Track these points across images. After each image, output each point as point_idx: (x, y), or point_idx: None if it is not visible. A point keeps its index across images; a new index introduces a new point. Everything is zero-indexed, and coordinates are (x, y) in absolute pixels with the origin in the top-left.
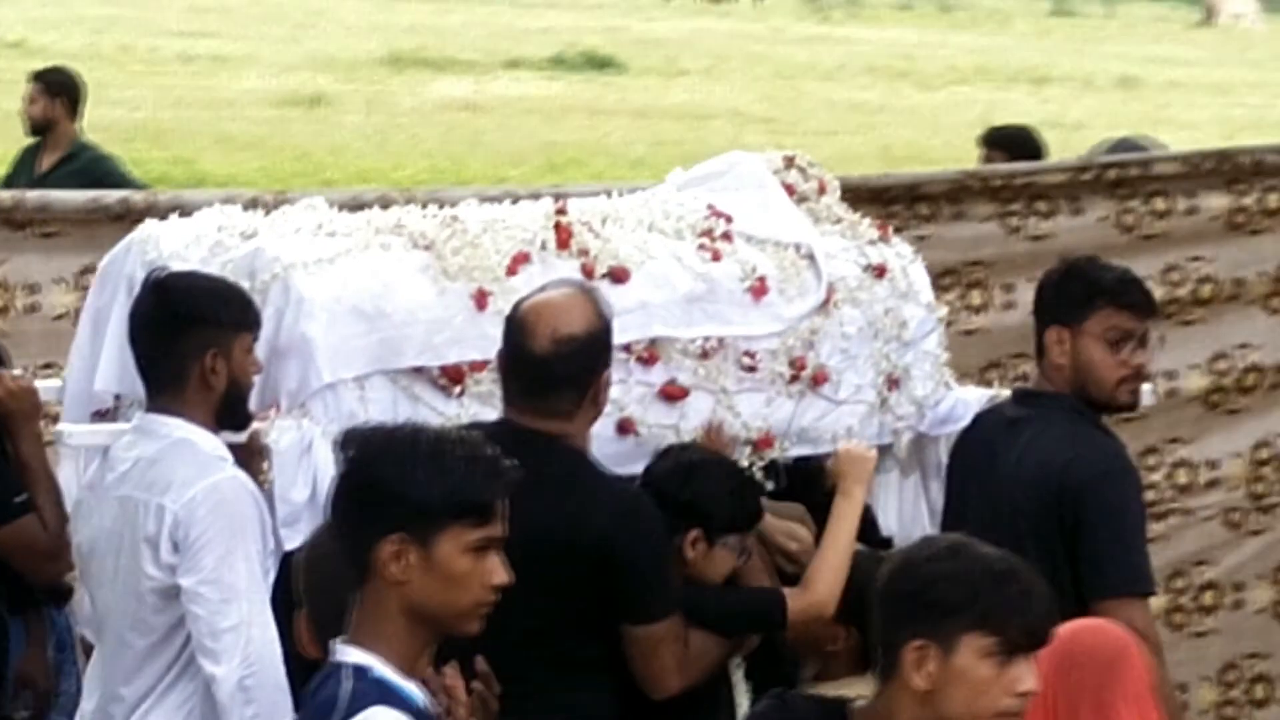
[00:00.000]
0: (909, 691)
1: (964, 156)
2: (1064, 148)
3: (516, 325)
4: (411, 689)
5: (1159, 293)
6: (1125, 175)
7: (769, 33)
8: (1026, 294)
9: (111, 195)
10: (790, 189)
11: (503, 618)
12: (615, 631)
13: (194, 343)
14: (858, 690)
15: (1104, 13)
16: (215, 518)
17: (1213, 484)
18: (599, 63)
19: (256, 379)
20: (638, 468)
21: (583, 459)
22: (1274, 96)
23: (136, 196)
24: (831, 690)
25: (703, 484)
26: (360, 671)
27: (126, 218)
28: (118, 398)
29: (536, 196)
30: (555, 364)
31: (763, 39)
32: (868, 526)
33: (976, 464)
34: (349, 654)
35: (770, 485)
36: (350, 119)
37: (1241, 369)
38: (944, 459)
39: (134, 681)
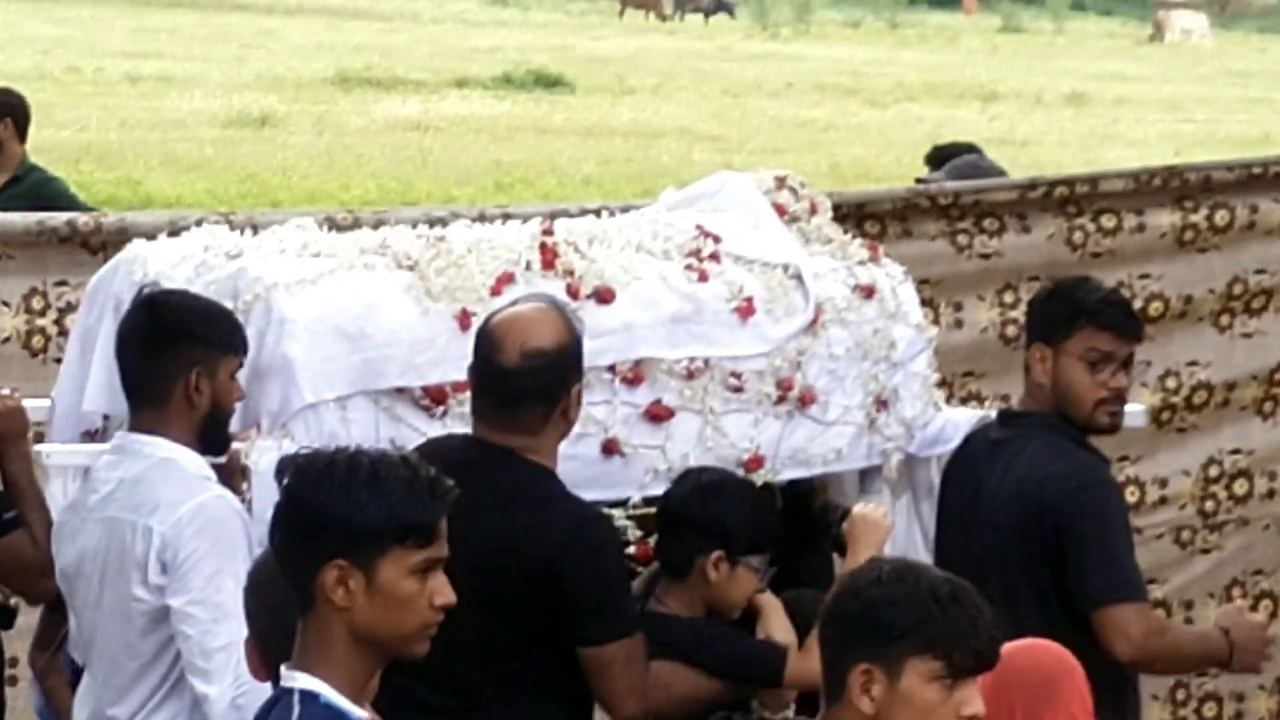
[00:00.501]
0: (855, 716)
1: (913, 174)
2: (1013, 164)
3: (486, 339)
4: (361, 715)
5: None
6: (1073, 193)
7: (717, 51)
8: (975, 312)
9: (59, 218)
10: (781, 209)
11: (454, 633)
12: (569, 652)
13: (180, 360)
14: None
15: (1053, 29)
16: (203, 538)
17: (1162, 502)
18: (547, 81)
19: (238, 404)
20: (623, 490)
21: (541, 475)
22: (1223, 112)
23: (83, 219)
24: None
25: (723, 504)
26: (309, 697)
27: (73, 240)
28: (106, 418)
29: (483, 216)
30: (523, 378)
31: (711, 57)
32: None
33: (964, 486)
34: (297, 679)
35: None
36: (298, 139)
37: (1191, 387)
38: (935, 480)
39: (124, 702)
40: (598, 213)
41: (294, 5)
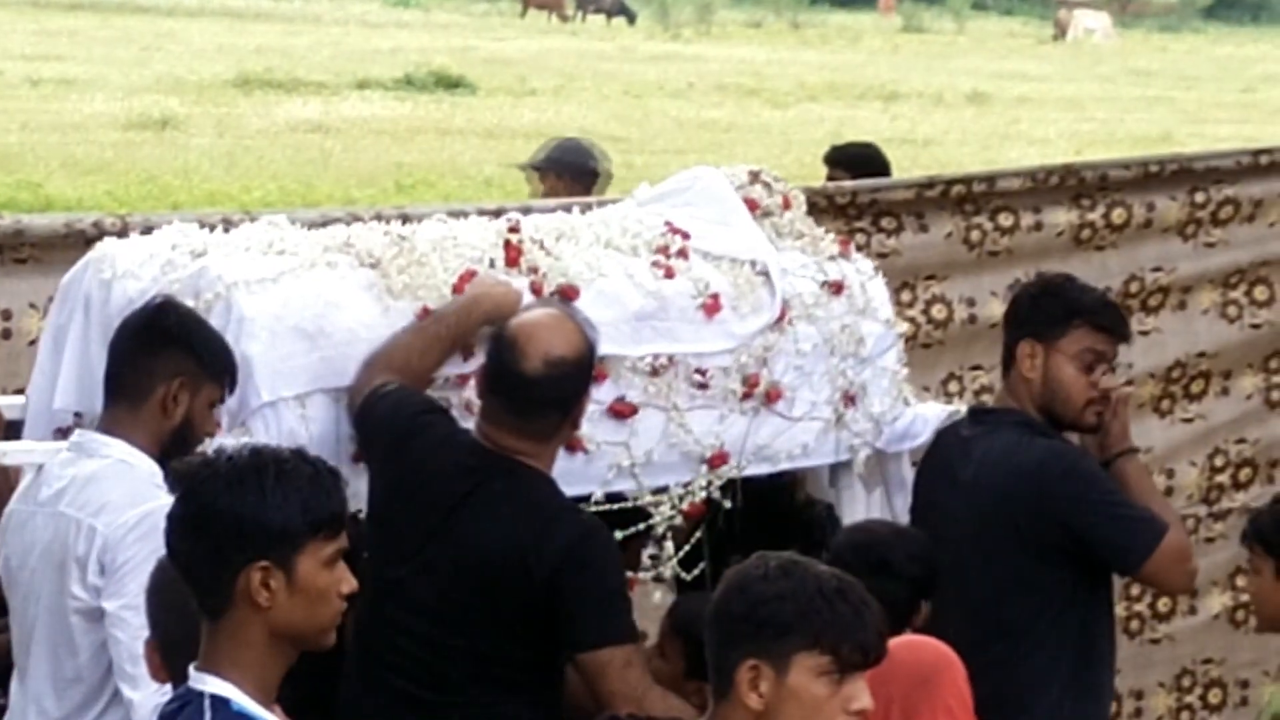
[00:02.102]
0: (743, 711)
1: (814, 174)
2: (914, 164)
3: (506, 345)
4: (271, 719)
5: (1005, 309)
6: (971, 191)
7: (619, 51)
8: None
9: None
10: (754, 204)
11: (440, 634)
12: (554, 659)
13: (168, 365)
14: None
15: (954, 28)
16: (144, 545)
17: None
18: (448, 83)
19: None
20: (586, 486)
21: (546, 484)
22: (1123, 111)
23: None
24: None
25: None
26: (220, 703)
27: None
28: (79, 415)
29: (380, 216)
30: (546, 386)
31: (613, 58)
32: (832, 526)
33: (938, 481)
34: (207, 682)
35: (727, 504)
36: (199, 141)
37: None
38: (907, 474)
39: (62, 700)
40: (567, 209)
41: (195, 7)
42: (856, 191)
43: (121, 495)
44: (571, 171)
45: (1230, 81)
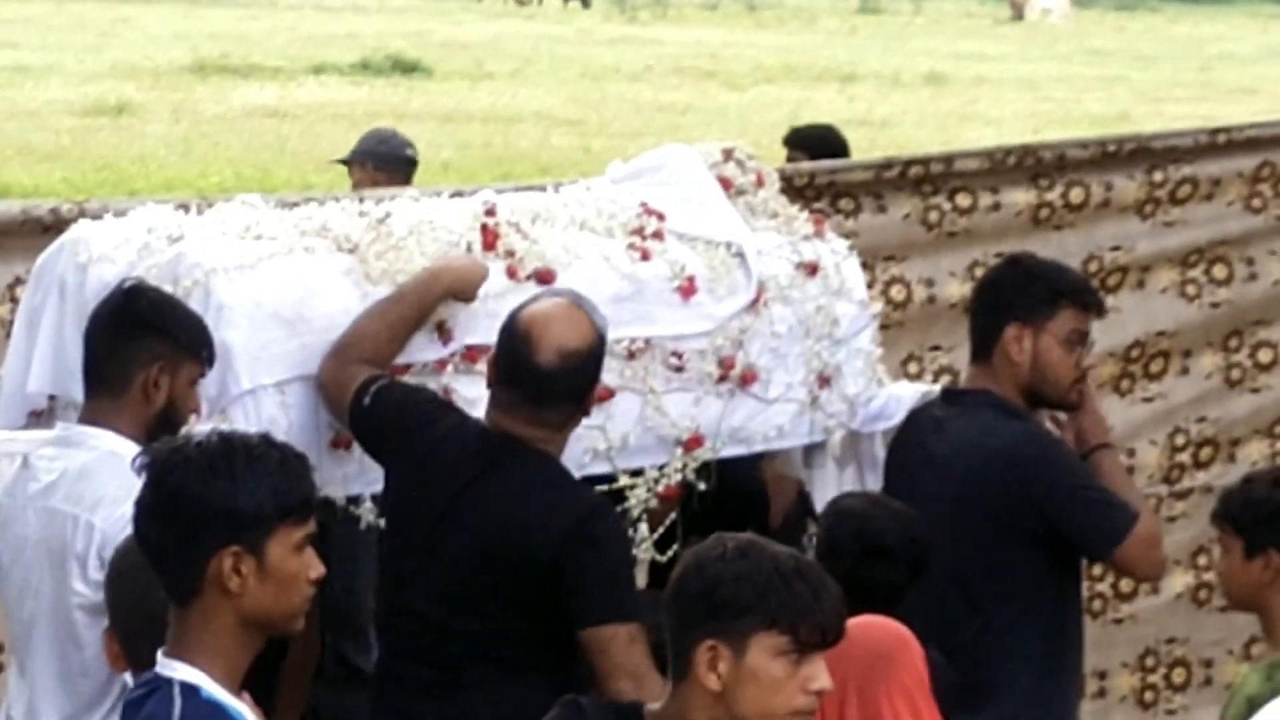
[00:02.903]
0: (702, 692)
1: (772, 156)
2: (872, 145)
3: (520, 336)
4: (241, 709)
5: (965, 290)
6: (929, 172)
7: (575, 35)
8: None
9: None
10: (728, 182)
11: (457, 618)
12: (561, 640)
13: (145, 352)
14: None
15: (911, 9)
16: None
17: None
18: (405, 67)
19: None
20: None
21: (554, 465)
22: (1081, 91)
23: None
24: None
25: None
26: (190, 690)
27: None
28: (52, 398)
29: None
30: (561, 378)
31: (569, 41)
32: (804, 506)
33: (909, 462)
34: (176, 669)
35: (703, 486)
36: (155, 128)
37: None
38: (880, 454)
39: (73, 695)
40: (541, 188)
41: None
42: (814, 173)
43: (117, 489)
44: (383, 161)
45: (1187, 61)
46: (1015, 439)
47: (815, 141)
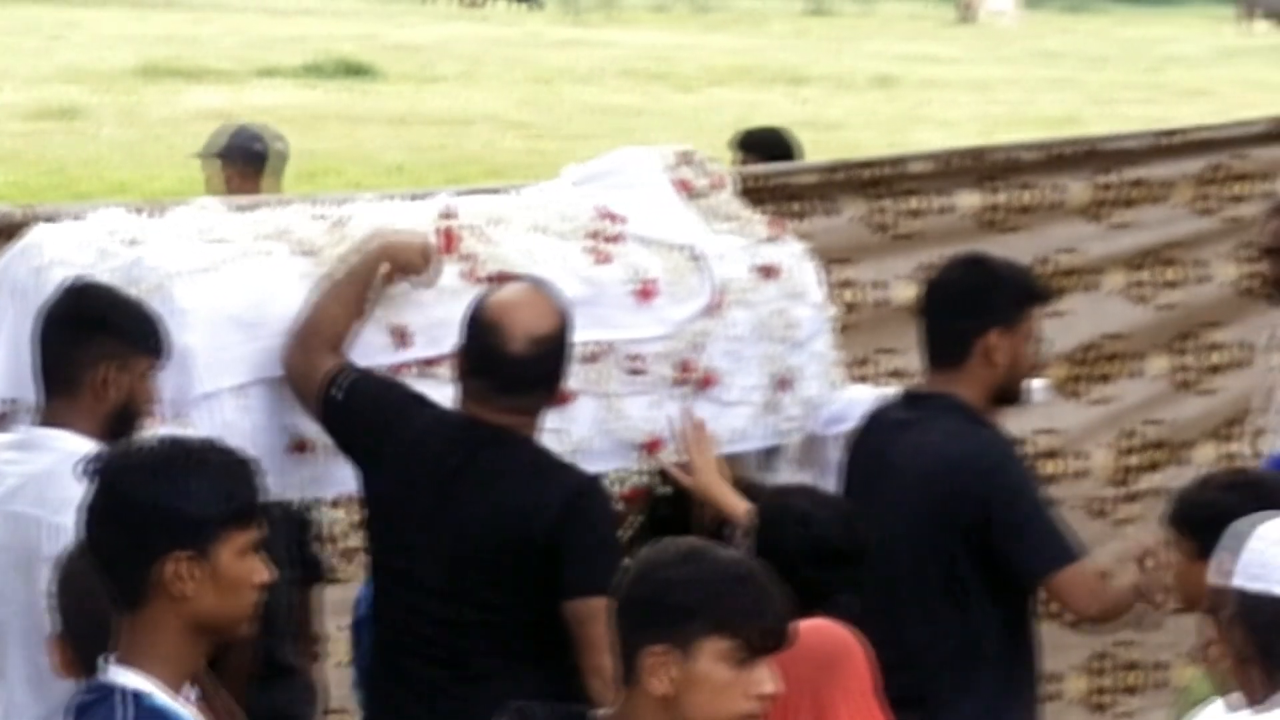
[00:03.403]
0: (650, 698)
1: (722, 159)
2: (821, 147)
3: (488, 326)
4: (188, 714)
5: (915, 292)
6: (878, 175)
7: (525, 37)
8: None
9: None
10: (685, 185)
11: (453, 608)
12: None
13: (95, 350)
14: None
15: (860, 11)
16: None
17: None
18: (354, 70)
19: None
20: None
21: (536, 448)
22: (1031, 93)
23: None
24: None
25: None
26: (137, 698)
27: None
28: (13, 401)
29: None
30: (533, 364)
31: (519, 43)
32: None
33: (868, 465)
34: (123, 676)
35: (662, 490)
36: (104, 131)
37: None
38: (837, 456)
39: (46, 698)
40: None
41: None
42: (764, 175)
43: (81, 490)
44: (238, 156)
45: (1137, 62)
46: (980, 445)
47: (765, 144)
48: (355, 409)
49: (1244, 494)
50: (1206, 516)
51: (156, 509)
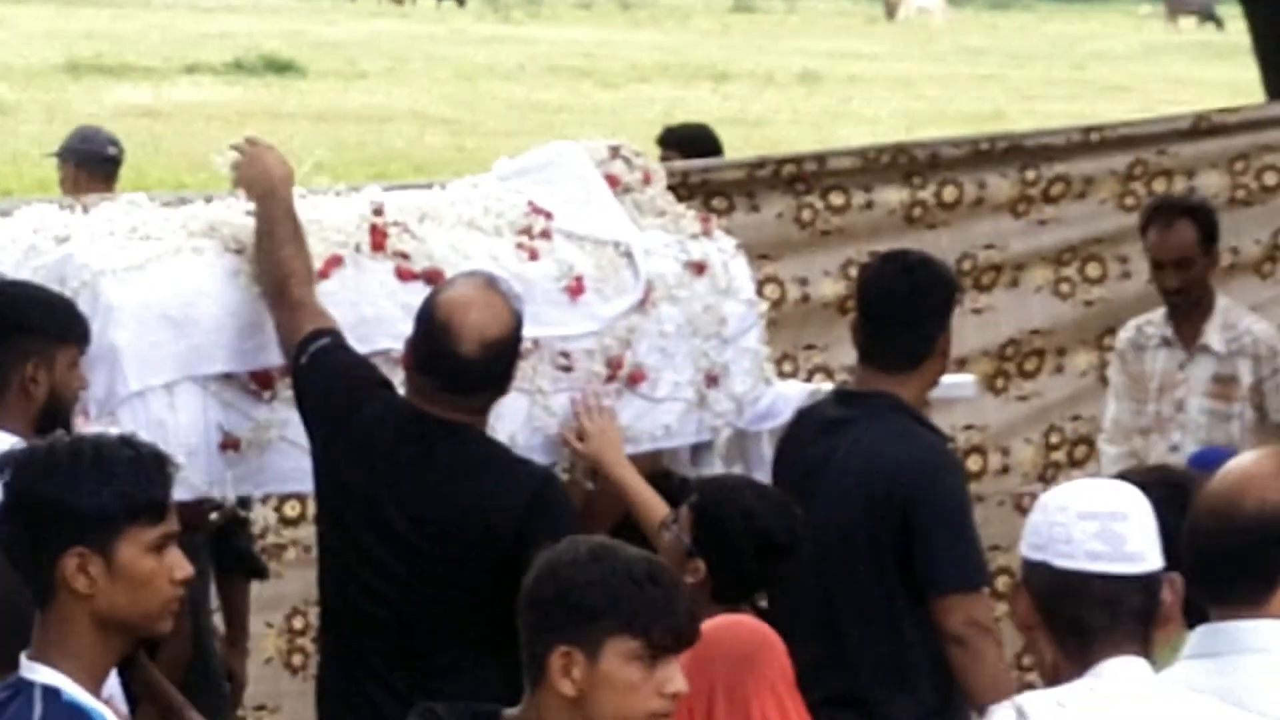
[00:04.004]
0: (557, 698)
1: (647, 156)
2: (746, 144)
3: (439, 325)
4: (103, 711)
5: (839, 288)
6: (802, 171)
7: (450, 34)
8: None
9: None
10: (615, 180)
11: (418, 604)
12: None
13: (15, 351)
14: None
15: (784, 8)
16: None
17: None
18: (279, 66)
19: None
20: None
21: (494, 445)
22: (955, 90)
23: None
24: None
25: None
26: (51, 694)
27: None
28: None
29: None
30: (483, 365)
31: (443, 40)
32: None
33: (800, 462)
34: (38, 672)
35: (590, 485)
36: (28, 128)
37: None
38: (767, 452)
39: None
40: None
41: None
42: (687, 172)
43: None
44: (86, 159)
45: (1061, 59)
46: (924, 448)
47: (688, 141)
48: (315, 379)
49: (1155, 492)
50: None
51: (55, 506)
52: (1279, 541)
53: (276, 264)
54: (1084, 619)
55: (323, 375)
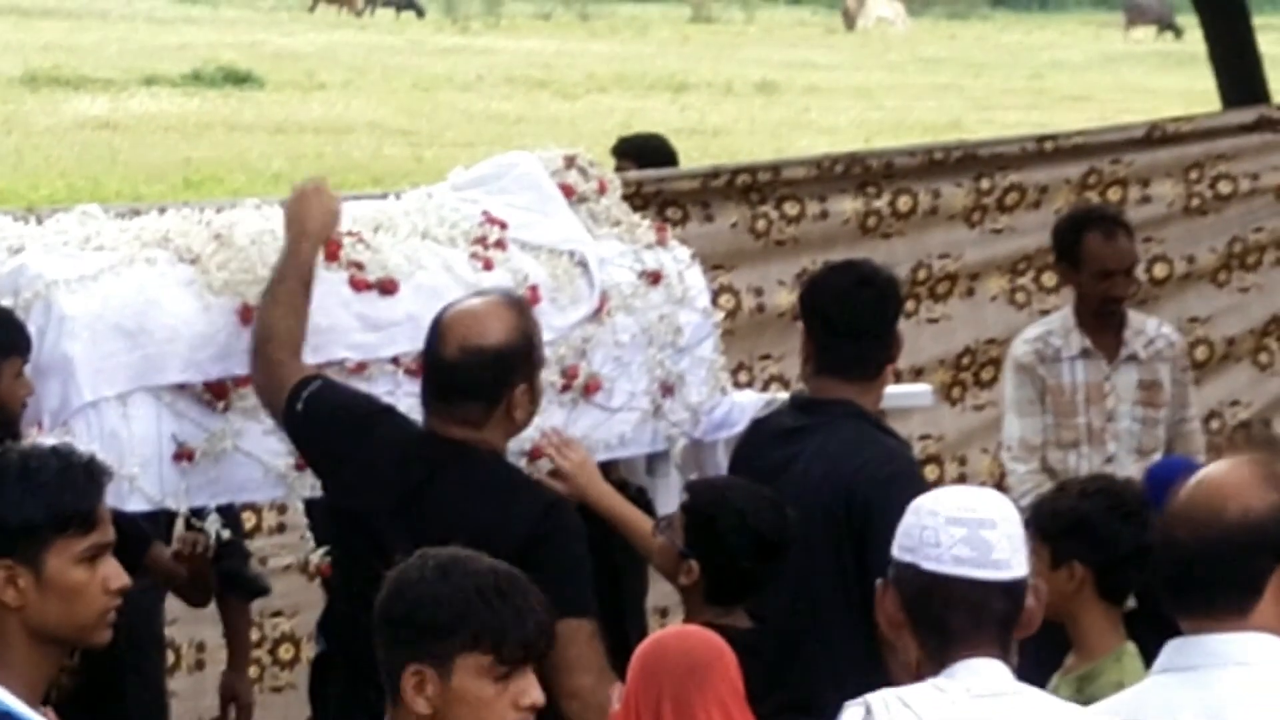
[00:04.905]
0: (414, 717)
1: (605, 165)
2: (705, 154)
3: (433, 329)
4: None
5: (793, 298)
6: (756, 180)
7: (408, 45)
8: None
9: None
10: (569, 190)
11: None
12: None
13: None
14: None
15: (743, 18)
16: None
17: None
18: (236, 78)
19: (29, 400)
20: None
21: (501, 463)
22: (913, 99)
23: None
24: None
25: None
26: None
27: None
28: None
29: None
30: (459, 372)
31: (401, 51)
32: (645, 509)
33: (758, 469)
34: None
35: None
36: None
37: None
38: (722, 461)
39: None
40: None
41: None
42: (641, 182)
43: None
44: None
45: (1018, 69)
46: (886, 453)
47: (643, 151)
48: (315, 421)
49: (1099, 501)
50: (1060, 524)
51: None
52: (1264, 551)
53: (265, 321)
54: (947, 620)
55: (322, 416)
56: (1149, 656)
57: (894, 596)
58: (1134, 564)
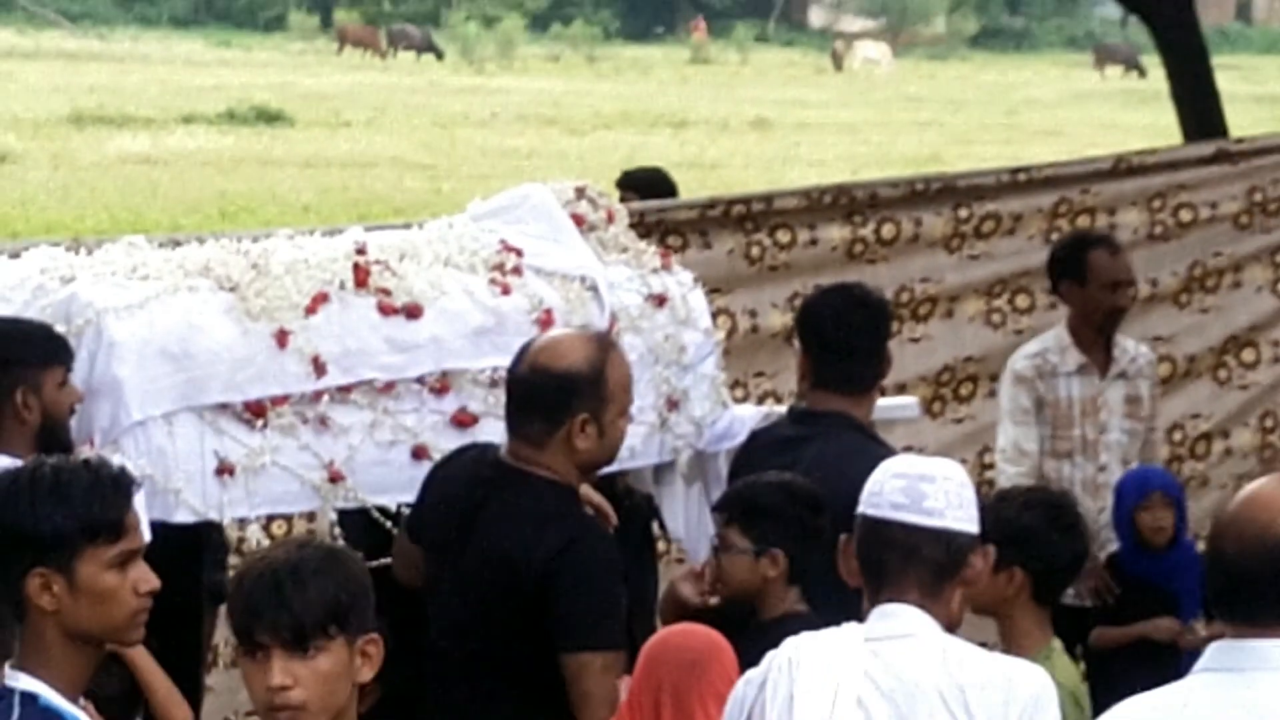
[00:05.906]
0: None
1: (611, 196)
2: (703, 186)
3: (520, 351)
4: (77, 714)
5: (786, 319)
6: (750, 210)
7: (427, 85)
8: None
9: None
10: (580, 219)
11: (465, 642)
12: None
13: (7, 383)
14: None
15: (739, 60)
16: None
17: None
18: (268, 116)
19: (77, 407)
20: None
21: (549, 491)
22: (896, 134)
23: None
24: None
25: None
26: (28, 699)
27: None
28: None
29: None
30: (527, 387)
31: (421, 91)
32: (653, 516)
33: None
34: (19, 679)
35: None
36: (35, 174)
37: None
38: (723, 471)
39: None
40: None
41: (31, 49)
42: (644, 212)
43: None
44: None
45: (995, 106)
46: (881, 460)
47: (645, 183)
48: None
49: (1039, 511)
50: (1003, 532)
51: (10, 530)
52: None
53: None
54: (883, 561)
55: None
56: (1086, 651)
57: (851, 547)
58: (1069, 571)
